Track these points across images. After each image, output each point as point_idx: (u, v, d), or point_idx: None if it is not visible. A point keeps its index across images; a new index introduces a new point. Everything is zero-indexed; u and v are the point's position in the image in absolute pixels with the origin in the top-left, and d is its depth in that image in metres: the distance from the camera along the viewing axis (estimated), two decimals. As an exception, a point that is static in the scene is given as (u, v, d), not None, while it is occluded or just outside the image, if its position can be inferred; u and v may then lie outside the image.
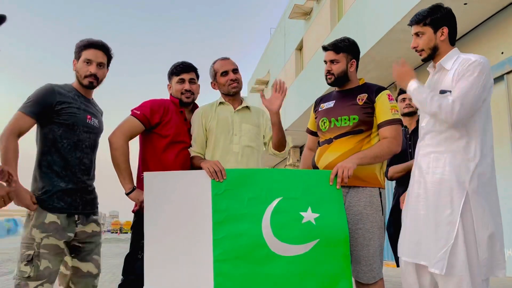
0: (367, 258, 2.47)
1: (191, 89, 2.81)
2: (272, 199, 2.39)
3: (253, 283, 2.28)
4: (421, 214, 2.24)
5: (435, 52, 2.32)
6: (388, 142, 2.52)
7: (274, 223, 2.35)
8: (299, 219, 2.37)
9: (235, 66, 2.79)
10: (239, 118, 2.74)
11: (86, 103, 2.61)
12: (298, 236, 2.35)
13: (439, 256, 2.07)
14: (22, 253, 2.32)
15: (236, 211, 2.36)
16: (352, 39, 2.79)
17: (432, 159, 2.23)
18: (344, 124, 2.61)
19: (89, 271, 2.52)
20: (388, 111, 2.58)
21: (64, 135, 2.47)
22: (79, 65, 2.57)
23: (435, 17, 2.28)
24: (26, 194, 2.34)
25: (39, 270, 2.30)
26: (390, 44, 8.27)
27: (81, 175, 2.53)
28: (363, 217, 2.51)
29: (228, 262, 2.29)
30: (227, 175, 2.41)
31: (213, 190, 2.38)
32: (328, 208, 2.41)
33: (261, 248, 2.31)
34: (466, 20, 7.28)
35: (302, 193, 2.42)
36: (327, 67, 2.72)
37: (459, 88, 2.11)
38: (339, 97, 2.74)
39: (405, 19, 7.31)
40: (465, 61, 2.17)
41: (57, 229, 2.38)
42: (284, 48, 17.92)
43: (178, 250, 2.32)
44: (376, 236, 2.50)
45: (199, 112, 2.79)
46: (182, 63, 2.86)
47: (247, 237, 2.33)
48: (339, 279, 2.33)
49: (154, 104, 2.72)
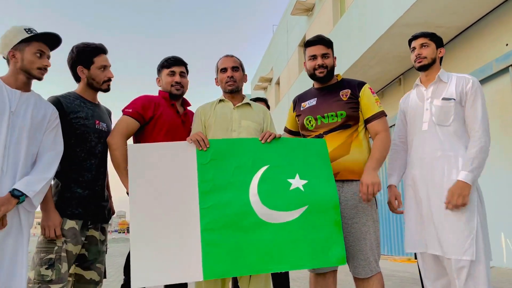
0: (364, 252, 2.47)
1: (181, 82, 2.83)
2: (258, 167, 2.38)
3: (242, 251, 2.25)
4: (435, 210, 2.48)
5: (432, 64, 2.68)
6: (385, 137, 2.60)
7: (261, 190, 2.34)
8: (287, 186, 2.37)
9: (235, 64, 2.76)
10: (239, 114, 2.71)
11: (93, 108, 2.62)
12: (287, 203, 2.34)
13: (467, 244, 2.36)
14: (41, 257, 2.33)
15: (222, 181, 2.34)
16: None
17: (443, 161, 2.51)
18: (332, 120, 2.62)
19: (92, 278, 2.55)
20: (374, 104, 2.64)
21: (77, 144, 2.50)
22: (95, 72, 2.59)
23: (438, 38, 2.73)
24: (56, 220, 2.37)
25: (61, 273, 2.32)
26: (393, 39, 8.24)
27: (97, 182, 2.57)
28: (359, 210, 2.52)
29: (216, 231, 2.26)
30: (213, 145, 2.40)
31: (198, 160, 2.36)
32: (316, 175, 2.41)
33: (249, 216, 2.30)
34: (470, 12, 7.24)
35: (289, 161, 2.42)
36: (319, 61, 2.68)
37: (475, 118, 2.52)
38: (320, 94, 2.74)
39: (407, 14, 7.29)
40: (465, 80, 2.59)
41: (74, 234, 2.41)
42: (287, 45, 17.90)
43: (165, 221, 2.27)
44: (372, 230, 2.51)
45: (198, 110, 2.79)
46: (173, 57, 2.88)
47: (234, 205, 2.30)
48: (331, 245, 2.33)
49: (145, 100, 2.72)
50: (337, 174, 2.53)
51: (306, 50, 2.75)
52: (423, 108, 2.65)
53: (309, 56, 2.72)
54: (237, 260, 2.24)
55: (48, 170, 2.26)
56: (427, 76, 2.71)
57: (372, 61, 9.20)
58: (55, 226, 2.33)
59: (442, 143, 2.53)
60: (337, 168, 2.54)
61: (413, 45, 2.71)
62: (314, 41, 2.71)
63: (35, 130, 2.26)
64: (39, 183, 2.19)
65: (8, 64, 2.28)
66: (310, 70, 2.73)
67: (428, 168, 2.55)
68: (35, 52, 2.25)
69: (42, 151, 2.30)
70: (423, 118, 2.63)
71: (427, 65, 2.67)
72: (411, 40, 2.74)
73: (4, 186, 2.12)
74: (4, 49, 2.25)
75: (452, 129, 2.54)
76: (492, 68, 7.14)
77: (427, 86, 2.69)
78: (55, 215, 2.35)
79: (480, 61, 7.51)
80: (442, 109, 2.55)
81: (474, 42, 7.73)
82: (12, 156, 2.16)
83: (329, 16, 12.73)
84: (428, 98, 2.64)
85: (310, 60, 2.72)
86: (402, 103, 2.86)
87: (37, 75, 2.28)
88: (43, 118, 2.31)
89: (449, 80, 2.64)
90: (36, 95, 2.34)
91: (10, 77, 2.25)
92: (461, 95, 2.56)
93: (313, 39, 2.73)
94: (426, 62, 2.66)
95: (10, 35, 2.25)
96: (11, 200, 2.10)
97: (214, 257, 2.23)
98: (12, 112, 2.18)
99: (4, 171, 2.13)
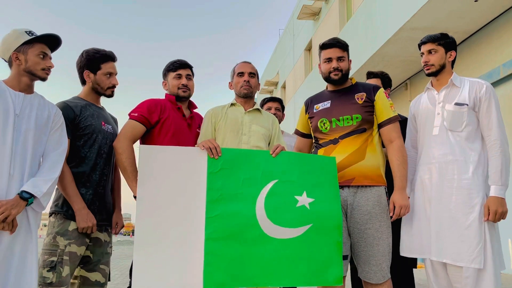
0: (377, 258, 2.47)
1: (188, 84, 2.85)
2: (267, 181, 2.38)
3: (243, 263, 2.25)
4: (444, 217, 2.46)
5: (442, 70, 2.63)
6: (400, 147, 2.59)
7: (268, 205, 2.34)
8: (294, 203, 2.37)
9: (253, 71, 2.84)
10: (249, 119, 2.76)
11: (98, 111, 2.67)
12: (292, 219, 2.34)
13: (476, 252, 2.34)
14: (44, 259, 2.36)
15: (230, 191, 2.34)
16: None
17: (453, 166, 2.48)
18: (347, 123, 2.61)
19: (97, 280, 2.56)
20: (389, 109, 2.63)
21: (85, 144, 2.54)
22: (100, 78, 2.64)
23: (448, 41, 2.64)
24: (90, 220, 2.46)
25: (61, 276, 2.34)
26: (399, 43, 8.23)
27: (103, 183, 2.60)
28: (372, 216, 2.51)
29: (220, 241, 2.26)
30: (224, 154, 2.39)
31: (209, 168, 2.35)
32: (323, 194, 2.41)
33: (253, 229, 2.29)
34: (478, 17, 7.21)
35: (298, 177, 2.42)
36: (334, 64, 2.67)
37: (491, 125, 2.50)
38: (334, 97, 2.73)
39: (414, 18, 7.27)
40: (478, 85, 2.54)
41: (78, 235, 2.44)
42: (293, 48, 17.92)
43: (170, 225, 2.26)
44: (385, 236, 2.51)
45: (209, 112, 2.82)
46: (179, 60, 2.91)
47: (240, 217, 2.30)
48: (329, 266, 2.33)
49: (150, 104, 2.74)
50: (352, 180, 2.53)
51: (322, 52, 2.74)
52: (434, 112, 2.61)
53: (325, 58, 2.71)
54: (238, 272, 2.25)
55: (54, 171, 2.29)
56: (438, 80, 2.66)
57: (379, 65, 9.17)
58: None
59: (452, 148, 2.50)
60: (352, 173, 2.54)
61: (422, 50, 2.67)
62: (330, 43, 2.70)
63: (40, 132, 2.29)
64: (46, 184, 2.21)
65: (10, 67, 2.30)
66: (325, 73, 2.72)
67: (438, 173, 2.52)
68: (39, 53, 2.28)
69: (47, 152, 2.33)
70: (434, 122, 2.59)
71: (435, 72, 2.63)
72: (419, 45, 2.70)
73: (13, 188, 2.15)
74: (5, 52, 2.27)
75: (464, 134, 2.50)
76: (500, 73, 7.10)
77: (439, 90, 2.64)
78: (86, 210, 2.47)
79: (487, 66, 7.47)
80: (455, 114, 2.51)
81: (481, 47, 7.69)
82: (18, 158, 2.18)
83: (335, 20, 12.73)
84: (440, 102, 2.60)
85: (325, 63, 2.71)
86: (413, 106, 2.82)
87: (42, 75, 2.30)
88: (48, 119, 2.33)
89: (462, 85, 2.59)
90: (39, 96, 2.36)
91: (13, 80, 2.27)
92: (474, 101, 2.51)
93: (329, 41, 2.72)
94: (433, 69, 2.63)
95: (11, 38, 2.27)
96: (21, 202, 2.13)
97: (215, 267, 2.23)
98: (17, 114, 2.21)
99: (11, 173, 2.15)
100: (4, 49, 2.28)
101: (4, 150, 2.13)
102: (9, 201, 2.09)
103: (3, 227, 2.08)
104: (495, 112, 2.49)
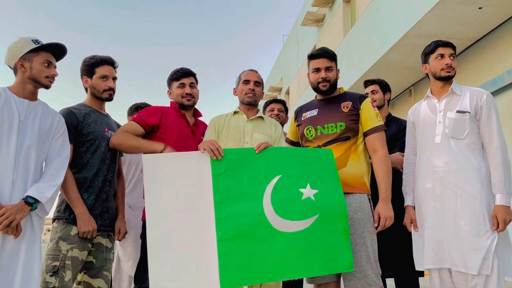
0: (360, 264, 2.44)
1: (192, 92, 2.89)
2: (271, 177, 2.42)
3: (257, 260, 2.28)
4: (450, 226, 2.45)
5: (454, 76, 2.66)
6: (384, 157, 2.59)
7: (275, 200, 2.37)
8: (299, 196, 2.40)
9: (259, 80, 2.88)
10: (251, 127, 2.78)
11: (102, 117, 2.70)
12: (299, 212, 2.37)
13: (483, 260, 2.34)
14: (47, 264, 2.38)
15: (237, 191, 2.37)
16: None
17: (457, 174, 2.48)
18: (331, 131, 2.64)
19: (100, 286, 2.57)
20: (374, 118, 2.65)
21: (88, 150, 2.57)
22: (95, 81, 2.67)
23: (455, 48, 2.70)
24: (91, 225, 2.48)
25: (64, 281, 2.36)
26: (403, 50, 8.22)
27: (105, 189, 2.62)
28: (354, 222, 2.50)
29: (232, 241, 2.29)
30: (226, 155, 2.42)
31: (213, 170, 2.38)
32: (325, 184, 2.45)
33: (263, 226, 2.32)
34: (482, 23, 7.21)
35: (300, 170, 2.46)
36: (322, 74, 2.71)
37: (492, 134, 2.51)
38: (322, 105, 2.77)
39: (418, 25, 7.27)
40: (479, 94, 2.57)
41: (80, 240, 2.46)
42: (297, 55, 17.95)
43: (182, 231, 2.29)
44: (368, 242, 2.49)
45: (213, 120, 2.86)
46: (182, 69, 2.94)
47: (249, 215, 2.33)
48: (339, 253, 2.36)
49: (151, 109, 2.83)
50: None
51: (310, 62, 2.78)
52: (435, 120, 2.61)
53: (313, 68, 2.75)
54: (253, 269, 2.27)
55: (58, 177, 2.31)
56: (442, 87, 2.65)
57: (383, 72, 9.17)
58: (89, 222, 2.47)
59: (455, 156, 2.50)
60: None
61: (441, 52, 2.63)
62: (318, 54, 2.74)
63: (44, 138, 2.31)
64: (50, 189, 2.23)
65: (15, 74, 2.33)
66: (314, 83, 2.76)
67: (442, 182, 2.51)
68: (43, 62, 2.31)
69: (50, 158, 2.35)
70: (435, 131, 2.58)
71: (452, 77, 2.64)
72: (438, 46, 2.65)
73: (16, 194, 2.17)
74: (11, 59, 2.31)
75: (466, 142, 2.50)
76: (504, 80, 7.08)
77: (439, 98, 2.64)
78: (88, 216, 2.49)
79: (491, 72, 7.46)
80: (457, 121, 2.51)
81: (485, 54, 7.68)
82: (22, 165, 2.20)
83: (339, 26, 12.76)
84: (441, 110, 2.60)
85: (314, 73, 2.75)
86: (412, 114, 2.82)
87: (46, 83, 2.34)
88: (51, 125, 2.36)
89: (462, 93, 2.61)
90: (42, 103, 2.39)
91: (18, 87, 2.31)
92: (475, 109, 2.54)
93: (317, 52, 2.75)
94: (453, 73, 2.63)
95: (17, 46, 2.31)
96: (25, 207, 2.15)
97: (230, 267, 2.25)
98: (21, 121, 2.23)
99: (15, 179, 2.17)
100: (10, 56, 2.32)
101: (8, 156, 2.16)
102: (13, 206, 2.11)
103: (7, 232, 2.09)
104: (495, 121, 2.52)
